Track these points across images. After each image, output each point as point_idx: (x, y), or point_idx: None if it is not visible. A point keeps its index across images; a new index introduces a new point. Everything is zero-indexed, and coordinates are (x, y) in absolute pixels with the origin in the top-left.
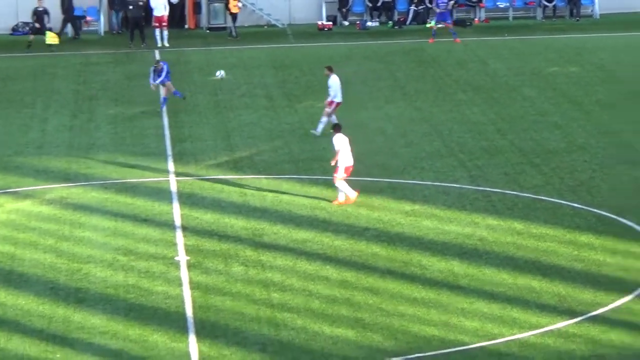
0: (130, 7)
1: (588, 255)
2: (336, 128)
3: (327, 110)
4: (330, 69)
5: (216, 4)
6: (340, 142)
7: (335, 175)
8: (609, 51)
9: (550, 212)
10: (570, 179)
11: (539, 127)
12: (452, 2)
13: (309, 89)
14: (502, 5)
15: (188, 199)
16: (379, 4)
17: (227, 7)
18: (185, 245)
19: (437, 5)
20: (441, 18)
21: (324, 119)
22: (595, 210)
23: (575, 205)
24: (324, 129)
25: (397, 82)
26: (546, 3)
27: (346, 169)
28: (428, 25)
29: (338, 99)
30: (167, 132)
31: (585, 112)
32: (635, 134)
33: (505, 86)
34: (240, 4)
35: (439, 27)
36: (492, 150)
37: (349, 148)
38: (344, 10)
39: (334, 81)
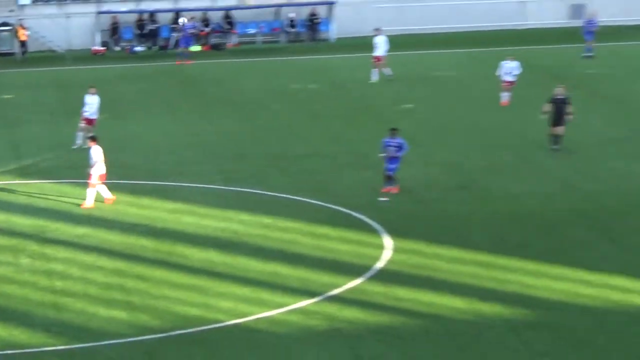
0: None
1: (326, 244)
2: (92, 140)
3: (82, 125)
4: (94, 89)
5: (4, 33)
6: (97, 152)
7: (89, 182)
8: (343, 70)
9: (293, 208)
10: (310, 180)
11: (284, 136)
12: (197, 29)
13: None
14: (251, 31)
15: None
16: (145, 31)
17: (16, 35)
18: None
19: (183, 29)
20: (184, 42)
21: (80, 133)
22: (332, 206)
23: (315, 202)
24: (84, 141)
25: (163, 99)
26: (289, 29)
27: (100, 176)
28: (190, 49)
29: (94, 116)
30: None
31: (323, 123)
32: (365, 141)
33: (256, 101)
34: (27, 32)
35: (191, 50)
36: (244, 156)
37: (102, 158)
38: (115, 37)
39: (93, 100)
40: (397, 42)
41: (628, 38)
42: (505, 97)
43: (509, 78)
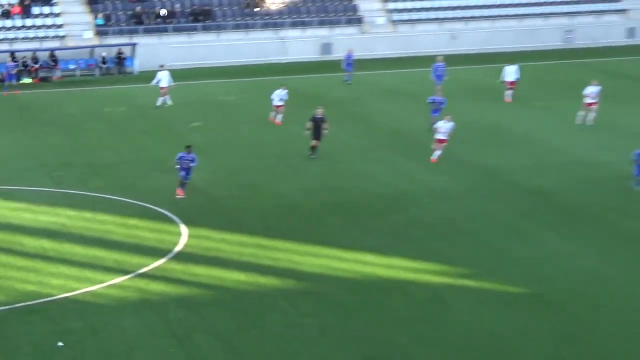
0: None
1: (135, 232)
2: None
3: None
4: None
5: None
6: None
7: None
8: (145, 96)
9: (109, 205)
10: (122, 182)
11: (100, 148)
12: (19, 67)
13: None
14: (72, 66)
15: None
16: None
17: None
18: None
19: (6, 68)
20: (9, 77)
21: None
22: (139, 202)
23: (126, 199)
24: None
25: (1, 122)
26: (101, 65)
27: None
28: (22, 82)
29: None
30: None
31: (130, 137)
32: (164, 151)
33: (77, 122)
34: None
35: (19, 83)
36: (69, 165)
37: None
38: None
39: None
40: (187, 74)
41: (367, 69)
42: (273, 115)
43: (279, 102)
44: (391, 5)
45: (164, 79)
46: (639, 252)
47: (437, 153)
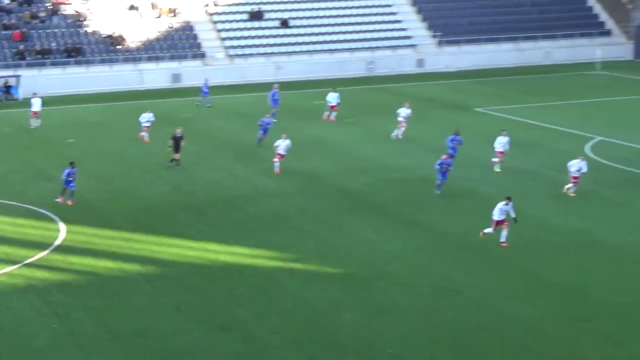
0: None
1: (22, 230)
2: None
3: None
4: None
5: None
6: None
7: None
8: (29, 119)
9: (2, 208)
10: (11, 189)
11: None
12: None
13: None
14: None
15: None
16: None
17: None
18: None
19: None
20: None
21: None
22: (26, 205)
23: (14, 203)
24: None
25: None
26: None
27: None
28: None
29: None
30: None
31: (16, 152)
32: (45, 162)
33: None
34: None
35: None
36: None
37: None
38: None
39: None
40: (62, 100)
41: (210, 94)
42: (145, 136)
43: (147, 124)
44: (228, 43)
45: (36, 104)
46: (433, 238)
47: (277, 165)
